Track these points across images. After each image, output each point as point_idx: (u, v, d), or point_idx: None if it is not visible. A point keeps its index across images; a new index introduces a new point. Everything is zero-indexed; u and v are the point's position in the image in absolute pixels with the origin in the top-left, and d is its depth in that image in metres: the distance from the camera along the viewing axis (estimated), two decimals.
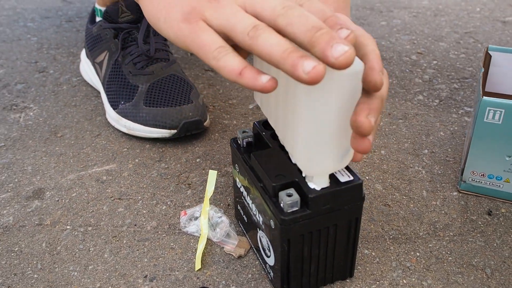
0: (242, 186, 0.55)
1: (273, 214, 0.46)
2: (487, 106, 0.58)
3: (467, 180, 0.65)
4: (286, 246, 0.47)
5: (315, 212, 0.46)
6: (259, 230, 0.53)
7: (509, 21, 1.19)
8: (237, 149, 0.54)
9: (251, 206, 0.53)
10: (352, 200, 0.47)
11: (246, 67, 0.40)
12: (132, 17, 0.82)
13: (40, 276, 0.56)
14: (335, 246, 0.50)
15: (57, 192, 0.69)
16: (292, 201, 0.45)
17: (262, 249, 0.53)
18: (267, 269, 0.53)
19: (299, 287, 0.52)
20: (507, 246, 0.58)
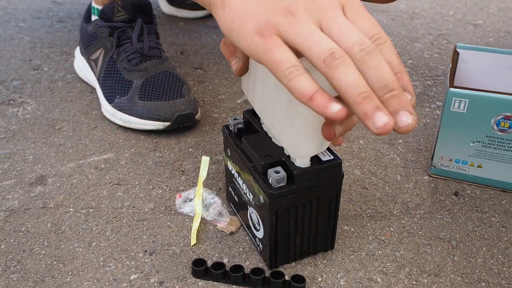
0: (233, 168, 0.61)
1: (262, 190, 0.52)
2: (453, 96, 0.65)
3: (436, 165, 0.71)
4: (274, 218, 0.53)
5: (300, 187, 0.52)
6: (249, 207, 0.58)
7: (480, 24, 1.27)
8: (229, 134, 0.60)
9: (242, 186, 0.59)
10: (333, 177, 0.53)
11: (317, 92, 0.40)
12: (127, 17, 0.88)
13: (47, 252, 0.61)
14: (318, 220, 0.56)
15: (58, 178, 0.74)
16: (279, 177, 0.51)
17: (252, 224, 0.59)
18: (256, 242, 0.59)
19: (285, 257, 0.57)
20: (470, 222, 0.65)
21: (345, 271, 0.58)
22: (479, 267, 0.58)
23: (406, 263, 0.59)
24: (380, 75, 0.39)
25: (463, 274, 0.57)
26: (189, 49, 1.13)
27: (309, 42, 0.41)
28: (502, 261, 0.59)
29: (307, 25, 0.42)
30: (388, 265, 0.59)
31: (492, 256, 0.60)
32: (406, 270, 0.58)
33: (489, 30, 1.23)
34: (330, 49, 0.40)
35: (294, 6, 0.43)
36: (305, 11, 0.43)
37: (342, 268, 0.58)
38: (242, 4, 0.46)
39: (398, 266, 0.59)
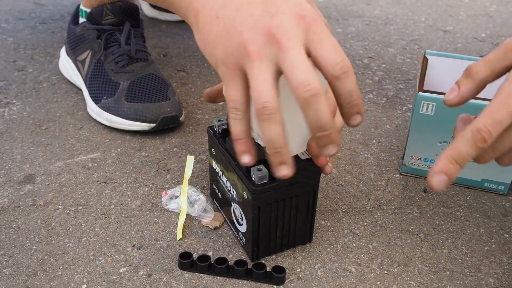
0: (217, 167, 0.65)
1: (246, 187, 0.56)
2: (422, 100, 0.70)
3: (407, 164, 0.76)
4: (256, 213, 0.57)
5: (281, 184, 0.56)
6: (233, 203, 0.62)
7: (449, 30, 1.33)
8: (214, 135, 0.64)
9: (226, 183, 0.63)
10: (311, 175, 0.58)
11: (240, 140, 0.49)
12: (115, 20, 0.91)
13: (38, 247, 0.64)
14: (297, 214, 0.60)
15: (47, 177, 0.76)
16: (262, 174, 0.55)
17: (235, 219, 0.63)
18: (239, 236, 0.63)
19: (266, 250, 0.61)
20: (437, 216, 0.70)
21: (322, 262, 0.62)
22: (445, 257, 0.63)
23: (378, 254, 0.64)
24: (318, 117, 0.45)
25: (430, 264, 0.62)
26: (172, 52, 1.17)
27: (255, 88, 0.46)
28: (466, 251, 0.64)
29: (259, 66, 0.46)
30: (362, 257, 0.63)
31: (457, 247, 0.65)
32: (378, 260, 0.63)
33: (458, 36, 1.30)
34: (264, 102, 0.45)
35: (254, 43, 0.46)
36: (264, 45, 0.46)
37: (319, 259, 0.63)
38: (212, 30, 0.49)
39: (371, 257, 0.63)
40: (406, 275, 0.61)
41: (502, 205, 0.72)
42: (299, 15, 0.47)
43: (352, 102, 0.47)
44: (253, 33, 0.46)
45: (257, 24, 0.46)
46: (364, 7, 1.48)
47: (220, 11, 0.49)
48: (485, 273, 0.61)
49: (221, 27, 0.48)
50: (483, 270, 0.62)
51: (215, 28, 0.49)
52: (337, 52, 0.46)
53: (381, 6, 1.49)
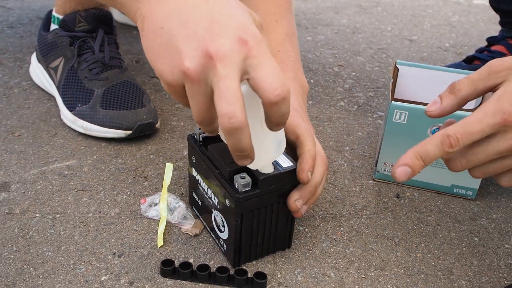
0: (198, 175, 0.66)
1: (229, 194, 0.57)
2: (395, 109, 0.72)
3: (380, 170, 0.79)
4: (239, 220, 0.58)
5: (263, 191, 0.57)
6: (214, 210, 0.63)
7: (415, 40, 1.37)
8: (195, 143, 0.65)
9: (207, 191, 0.64)
10: (292, 181, 0.59)
11: None
12: (88, 27, 0.90)
13: (16, 257, 0.64)
14: (278, 221, 0.62)
15: (22, 185, 0.76)
16: (245, 182, 0.56)
17: (216, 226, 0.64)
18: (220, 243, 0.64)
19: (247, 256, 0.63)
20: (410, 221, 0.73)
21: (301, 268, 0.64)
22: (419, 261, 0.66)
23: (355, 259, 0.66)
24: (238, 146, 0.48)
25: (405, 267, 0.65)
26: (144, 58, 1.17)
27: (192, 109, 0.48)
28: (438, 255, 0.67)
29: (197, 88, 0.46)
30: (340, 261, 0.65)
31: (430, 251, 0.67)
32: (355, 265, 0.65)
33: (423, 46, 1.34)
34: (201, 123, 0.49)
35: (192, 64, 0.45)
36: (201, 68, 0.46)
37: (299, 265, 0.64)
38: (156, 40, 0.48)
39: (349, 262, 0.65)
40: (382, 279, 0.63)
41: (470, 210, 0.75)
42: (242, 39, 0.46)
43: (281, 122, 0.49)
44: (193, 54, 0.46)
45: (198, 44, 0.46)
46: (332, 15, 1.51)
47: (165, 22, 0.48)
48: (457, 276, 0.64)
49: (164, 39, 0.48)
50: (455, 273, 0.64)
51: (158, 39, 0.48)
52: (277, 77, 0.46)
53: (348, 15, 1.53)
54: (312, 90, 1.07)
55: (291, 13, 0.82)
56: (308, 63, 1.19)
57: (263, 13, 0.79)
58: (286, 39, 0.76)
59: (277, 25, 0.78)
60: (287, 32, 0.78)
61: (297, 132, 0.61)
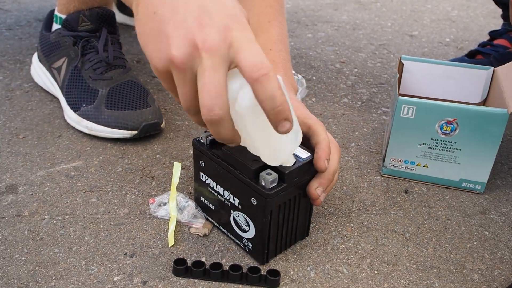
0: (208, 178, 0.65)
1: (256, 192, 0.57)
2: (403, 104, 0.72)
3: (388, 166, 0.79)
4: (269, 216, 0.58)
5: (289, 185, 0.58)
6: (233, 211, 0.63)
7: (415, 35, 1.38)
8: (202, 147, 0.64)
9: (222, 193, 0.63)
10: (312, 171, 0.60)
11: None
12: (91, 27, 0.90)
13: (28, 259, 0.63)
14: (299, 212, 0.62)
15: (29, 187, 0.75)
16: (272, 178, 0.56)
17: (236, 227, 0.63)
18: (243, 243, 0.64)
19: (273, 251, 0.63)
20: (420, 216, 0.73)
21: (314, 264, 0.64)
22: (430, 255, 0.66)
23: (367, 254, 0.66)
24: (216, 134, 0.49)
25: (417, 262, 0.65)
26: (145, 58, 1.16)
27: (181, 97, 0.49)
28: (450, 249, 0.67)
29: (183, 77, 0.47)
30: (352, 257, 0.65)
31: (441, 246, 0.68)
32: (368, 261, 0.65)
33: (424, 41, 1.34)
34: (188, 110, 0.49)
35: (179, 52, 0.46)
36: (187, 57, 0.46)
37: (311, 261, 0.64)
38: (148, 25, 0.49)
39: (361, 257, 0.65)
40: (395, 274, 0.63)
41: (479, 204, 0.75)
42: (228, 27, 0.47)
43: (276, 108, 0.47)
44: (181, 42, 0.46)
45: (186, 33, 0.46)
46: (332, 12, 1.51)
47: (158, 7, 0.48)
48: (469, 270, 0.64)
49: (155, 25, 0.48)
50: (468, 267, 0.64)
51: (150, 23, 0.49)
52: (257, 56, 0.46)
53: (348, 11, 1.53)
54: (315, 87, 1.07)
55: (283, 15, 0.83)
56: (309, 60, 1.19)
57: (257, 13, 0.79)
58: (278, 39, 0.77)
59: (269, 25, 0.78)
60: (280, 32, 0.78)
61: (308, 122, 0.62)
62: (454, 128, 0.72)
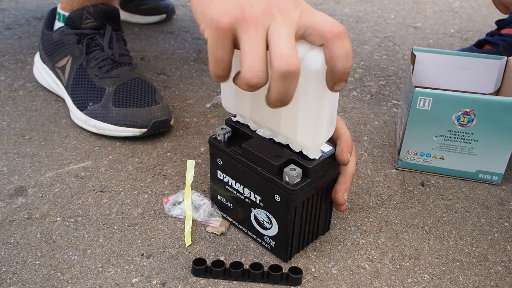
0: (226, 176, 0.64)
1: (280, 189, 0.56)
2: (419, 95, 0.71)
3: (403, 159, 0.78)
4: (293, 212, 0.57)
5: (313, 180, 0.56)
6: (254, 209, 0.61)
7: (419, 27, 1.36)
8: (219, 144, 0.62)
9: (242, 191, 0.62)
10: (334, 165, 0.59)
11: None
12: (96, 24, 0.88)
13: (42, 262, 0.62)
14: (321, 205, 0.61)
15: (39, 189, 0.74)
16: (297, 173, 0.55)
17: (258, 225, 0.62)
18: (265, 240, 0.62)
19: (296, 248, 0.62)
20: (438, 209, 0.72)
21: (335, 261, 0.62)
22: (452, 248, 0.65)
23: (388, 249, 0.65)
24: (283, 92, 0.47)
25: (439, 256, 0.64)
26: (149, 55, 1.15)
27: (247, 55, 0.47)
28: (471, 242, 0.66)
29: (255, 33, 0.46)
30: (373, 252, 0.64)
31: (462, 238, 0.67)
32: (389, 255, 0.64)
33: (428, 32, 1.33)
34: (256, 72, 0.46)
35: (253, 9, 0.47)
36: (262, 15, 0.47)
37: (332, 258, 0.63)
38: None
39: (382, 252, 0.64)
40: (418, 268, 0.62)
41: (497, 195, 0.74)
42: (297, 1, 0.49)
43: (347, 67, 0.47)
44: (255, 1, 0.47)
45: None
46: (334, 5, 1.50)
47: None
48: (492, 262, 0.63)
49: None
50: (490, 259, 0.63)
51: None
52: (332, 20, 0.47)
53: (350, 4, 1.51)
54: None
55: None
56: None
57: None
58: None
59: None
60: None
61: None
62: (471, 119, 0.71)
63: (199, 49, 1.18)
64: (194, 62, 1.11)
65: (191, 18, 1.36)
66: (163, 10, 1.31)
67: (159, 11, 1.31)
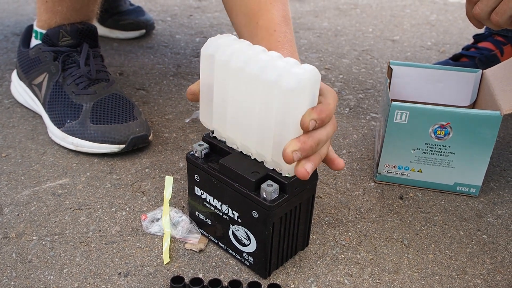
0: (204, 193, 0.63)
1: (257, 205, 0.55)
2: (396, 109, 0.72)
3: (382, 172, 0.78)
4: (271, 228, 0.56)
5: (290, 195, 0.56)
6: (232, 225, 0.61)
7: (397, 40, 1.38)
8: (197, 160, 0.62)
9: (220, 207, 0.61)
10: (312, 180, 0.59)
11: None
12: (72, 42, 0.88)
13: (17, 283, 0.61)
14: (299, 222, 0.61)
15: (15, 207, 0.72)
16: (274, 189, 0.54)
17: (236, 241, 0.62)
18: (244, 257, 0.62)
19: (275, 264, 0.61)
20: (417, 222, 0.72)
21: (314, 276, 0.62)
22: (431, 262, 0.65)
23: (367, 264, 0.64)
24: None
25: (418, 269, 0.64)
26: (128, 70, 1.14)
27: None
28: (450, 255, 0.66)
29: None
30: (352, 267, 0.64)
31: (441, 252, 0.67)
32: (368, 270, 0.64)
33: (406, 45, 1.35)
34: None
35: None
36: None
37: (311, 273, 0.63)
38: None
39: (361, 267, 0.64)
40: (398, 283, 0.62)
41: (475, 207, 0.75)
42: None
43: None
44: None
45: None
46: (313, 19, 1.51)
47: None
48: (471, 275, 0.63)
49: None
50: (469, 272, 0.64)
51: None
52: None
53: (328, 18, 1.53)
54: None
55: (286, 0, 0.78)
56: None
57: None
58: (281, 20, 0.73)
59: (272, 6, 0.74)
60: (283, 14, 0.74)
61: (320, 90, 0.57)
62: (448, 132, 0.72)
63: (178, 63, 1.18)
64: (173, 77, 1.11)
65: (171, 33, 1.36)
66: (142, 25, 1.31)
67: (139, 27, 1.30)
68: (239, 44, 0.56)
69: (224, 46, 0.56)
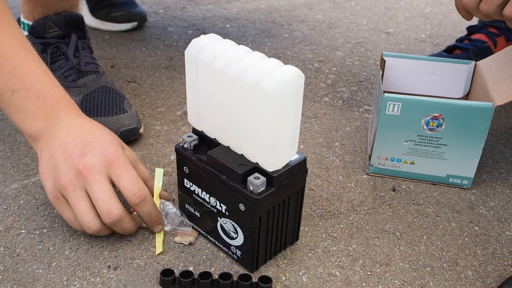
0: (193, 185, 0.63)
1: (244, 198, 0.55)
2: (388, 101, 0.71)
3: (374, 164, 0.77)
4: (258, 222, 0.56)
5: (278, 188, 0.55)
6: (220, 218, 0.60)
7: (391, 32, 1.37)
8: (185, 152, 0.61)
9: (208, 200, 0.61)
10: (301, 173, 0.58)
11: None
12: (60, 33, 0.87)
13: (5, 277, 0.60)
14: (288, 215, 0.60)
15: (3, 201, 0.72)
16: (261, 182, 0.54)
17: (224, 234, 0.61)
18: (232, 250, 0.61)
19: (263, 258, 0.61)
20: (409, 214, 0.71)
21: (305, 269, 0.62)
22: (423, 254, 0.65)
23: (359, 256, 0.64)
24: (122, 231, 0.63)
25: (410, 261, 0.64)
26: (119, 63, 1.13)
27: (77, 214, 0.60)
28: (441, 247, 0.66)
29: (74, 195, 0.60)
30: (344, 259, 0.63)
31: (432, 243, 0.66)
32: (360, 262, 0.63)
33: (400, 38, 1.34)
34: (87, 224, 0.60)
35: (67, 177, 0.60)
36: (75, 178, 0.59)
37: (303, 266, 0.62)
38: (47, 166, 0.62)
39: (353, 259, 0.64)
40: (389, 275, 0.61)
41: (467, 199, 0.75)
42: (105, 154, 0.61)
43: (151, 219, 0.64)
44: (68, 169, 0.60)
45: (72, 162, 0.60)
46: (307, 11, 1.50)
47: (55, 151, 0.62)
48: (463, 266, 0.63)
49: (51, 164, 0.61)
50: (461, 263, 0.63)
51: (49, 164, 0.62)
52: (135, 184, 0.61)
53: (322, 10, 1.52)
54: None
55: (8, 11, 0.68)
56: (287, 60, 1.17)
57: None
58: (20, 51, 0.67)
59: None
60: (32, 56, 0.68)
61: None
62: (440, 124, 0.71)
63: (170, 56, 1.17)
64: (165, 69, 1.10)
65: (163, 26, 1.35)
66: (134, 17, 1.29)
67: (131, 19, 1.29)
68: (223, 45, 0.55)
69: (207, 47, 0.55)
